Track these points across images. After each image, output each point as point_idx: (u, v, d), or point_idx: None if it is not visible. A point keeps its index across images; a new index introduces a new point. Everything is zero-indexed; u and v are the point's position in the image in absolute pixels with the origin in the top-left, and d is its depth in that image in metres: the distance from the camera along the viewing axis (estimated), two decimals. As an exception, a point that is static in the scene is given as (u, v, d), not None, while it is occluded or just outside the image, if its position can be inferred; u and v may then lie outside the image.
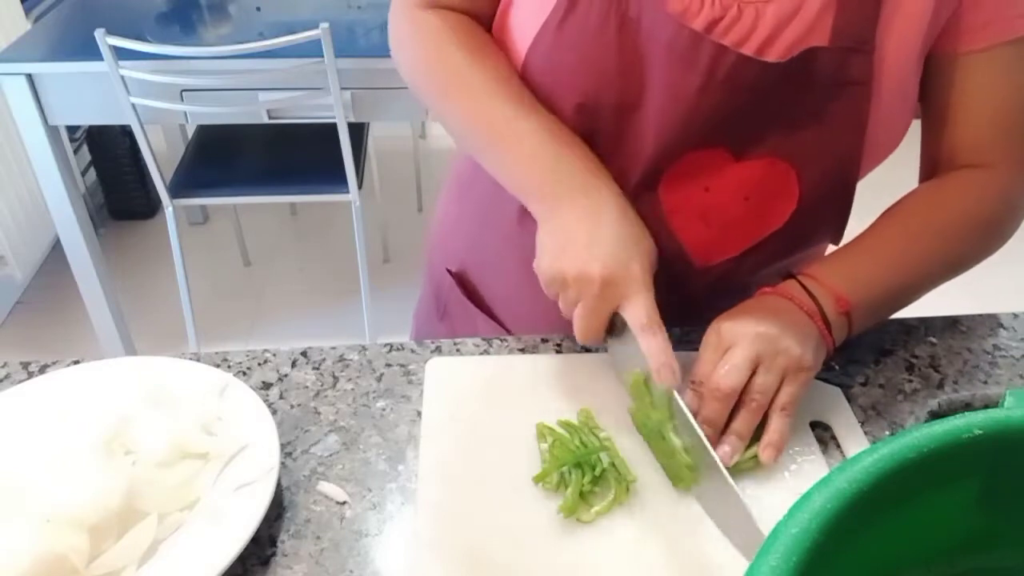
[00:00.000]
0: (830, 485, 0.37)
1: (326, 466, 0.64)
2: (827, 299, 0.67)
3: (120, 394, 0.66)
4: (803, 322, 0.66)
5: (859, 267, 0.70)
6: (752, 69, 0.65)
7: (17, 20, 2.22)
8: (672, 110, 0.67)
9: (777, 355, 0.64)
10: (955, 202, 0.73)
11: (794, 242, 0.77)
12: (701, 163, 0.71)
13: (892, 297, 0.71)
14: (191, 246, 2.40)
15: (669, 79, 0.67)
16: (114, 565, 0.54)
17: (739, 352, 0.64)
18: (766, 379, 0.63)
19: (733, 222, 0.74)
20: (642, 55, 0.67)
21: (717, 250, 0.76)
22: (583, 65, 0.69)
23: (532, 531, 0.58)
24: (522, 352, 0.75)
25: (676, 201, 0.73)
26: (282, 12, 1.99)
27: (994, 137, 0.72)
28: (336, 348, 0.76)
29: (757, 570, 0.34)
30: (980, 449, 0.40)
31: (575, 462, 0.61)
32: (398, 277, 2.58)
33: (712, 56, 0.65)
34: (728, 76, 0.65)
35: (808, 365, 0.64)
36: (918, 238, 0.72)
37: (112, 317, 2.11)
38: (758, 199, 0.72)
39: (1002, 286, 1.79)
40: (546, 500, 0.61)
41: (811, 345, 0.65)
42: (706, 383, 0.64)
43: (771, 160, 0.70)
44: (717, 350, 0.65)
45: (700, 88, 0.66)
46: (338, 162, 1.89)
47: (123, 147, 2.56)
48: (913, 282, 0.72)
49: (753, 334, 0.64)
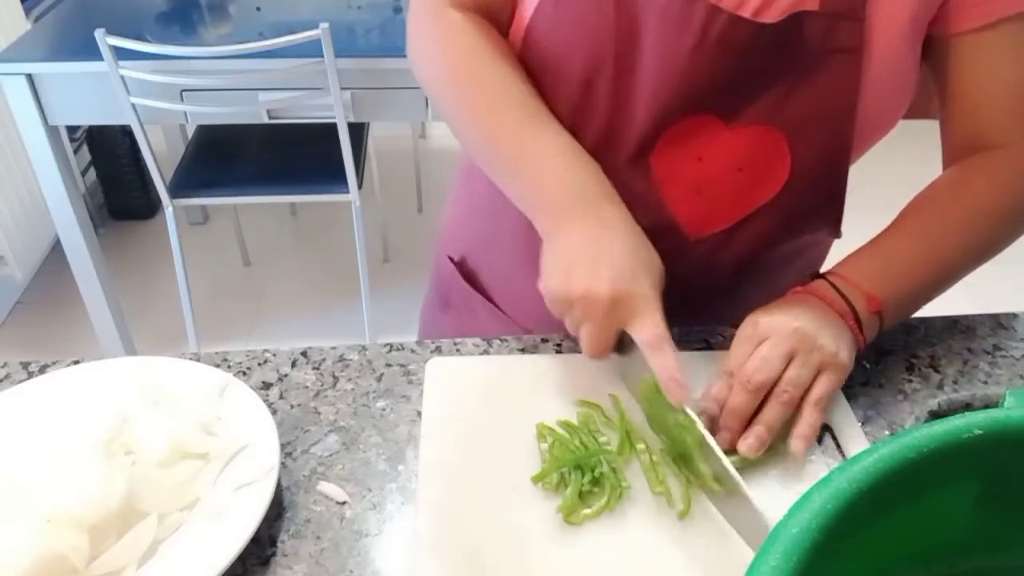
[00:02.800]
0: (830, 485, 0.37)
1: (326, 466, 0.64)
2: (858, 299, 0.68)
3: (120, 394, 0.66)
4: (836, 321, 0.66)
5: (887, 265, 0.70)
6: (744, 30, 0.65)
7: (17, 20, 2.22)
8: (665, 72, 0.68)
9: (813, 351, 0.64)
10: (977, 188, 0.73)
11: (787, 220, 0.76)
12: (693, 130, 0.71)
13: (922, 292, 0.72)
14: (191, 246, 2.40)
15: (662, 40, 0.67)
16: (114, 565, 0.54)
17: (774, 346, 0.64)
18: (800, 372, 0.63)
19: (725, 192, 0.74)
20: (637, 20, 0.68)
21: (709, 222, 0.76)
22: (583, 34, 0.69)
23: (532, 531, 0.58)
24: (522, 352, 0.75)
25: (668, 171, 0.73)
26: (282, 12, 1.99)
27: (1009, 116, 0.72)
28: (336, 348, 0.76)
29: (757, 570, 0.34)
30: (980, 449, 0.40)
31: (575, 463, 0.61)
32: (398, 277, 2.57)
33: (705, 16, 0.65)
34: (720, 36, 0.65)
35: (843, 362, 0.65)
36: (943, 229, 0.72)
37: (112, 317, 2.11)
38: (751, 169, 0.73)
39: (1002, 286, 1.79)
40: (546, 500, 0.61)
41: (845, 344, 0.65)
42: (737, 374, 0.64)
43: (763, 128, 0.70)
44: (752, 342, 0.65)
45: (692, 49, 0.66)
46: (338, 162, 1.89)
47: (123, 147, 2.56)
48: (942, 274, 0.72)
49: (790, 329, 0.64)
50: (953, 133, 0.75)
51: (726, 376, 0.65)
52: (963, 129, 0.74)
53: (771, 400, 0.63)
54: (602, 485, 0.61)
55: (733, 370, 0.65)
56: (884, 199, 0.75)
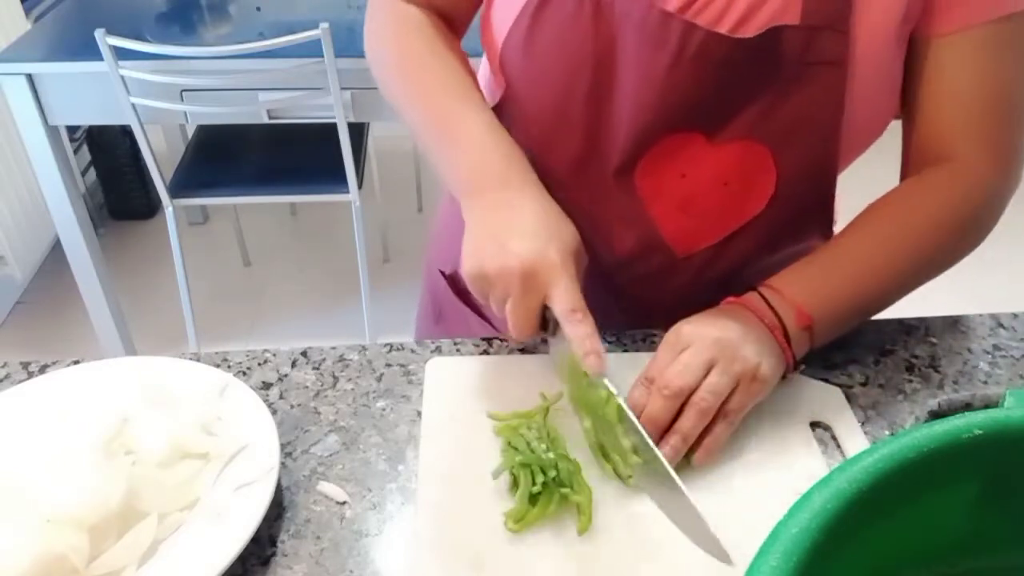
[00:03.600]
0: (830, 485, 0.37)
1: (326, 466, 0.64)
2: (789, 313, 0.66)
3: (120, 394, 0.66)
4: (763, 334, 0.65)
5: (824, 278, 0.69)
6: (721, 46, 0.65)
7: (17, 20, 2.22)
8: (644, 91, 0.67)
9: (734, 361, 0.62)
10: (926, 202, 0.71)
11: (776, 232, 0.76)
12: (675, 148, 0.70)
13: (858, 307, 0.70)
14: (191, 246, 2.40)
15: (640, 59, 0.67)
16: (114, 565, 0.54)
17: (694, 354, 0.63)
18: (719, 381, 0.62)
19: (712, 209, 0.74)
20: (615, 39, 0.67)
21: (698, 238, 0.76)
22: (559, 52, 0.69)
23: (532, 530, 0.58)
24: (522, 352, 0.75)
25: (653, 189, 0.73)
26: (282, 12, 1.99)
27: (966, 126, 0.70)
28: (336, 348, 0.76)
29: (757, 570, 0.34)
30: (980, 449, 0.40)
31: (524, 464, 0.60)
32: (398, 277, 2.58)
33: (681, 34, 0.64)
34: (697, 53, 0.65)
35: (764, 376, 0.63)
36: (886, 243, 0.70)
37: (112, 317, 2.11)
38: (736, 184, 0.72)
39: (1002, 286, 1.79)
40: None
41: (769, 358, 0.64)
42: (657, 380, 0.63)
43: (747, 143, 0.70)
44: (674, 350, 0.64)
45: (670, 66, 0.66)
46: (338, 162, 1.89)
47: (123, 147, 2.56)
48: (882, 289, 0.70)
49: (712, 338, 0.63)
50: (911, 139, 0.74)
51: (645, 382, 0.64)
52: (921, 135, 0.72)
53: (688, 408, 0.62)
54: (550, 490, 0.59)
55: (654, 377, 0.63)
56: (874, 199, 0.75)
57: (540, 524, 0.59)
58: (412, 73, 0.77)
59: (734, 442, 0.64)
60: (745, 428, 0.65)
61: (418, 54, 0.77)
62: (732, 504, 0.61)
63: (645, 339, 0.76)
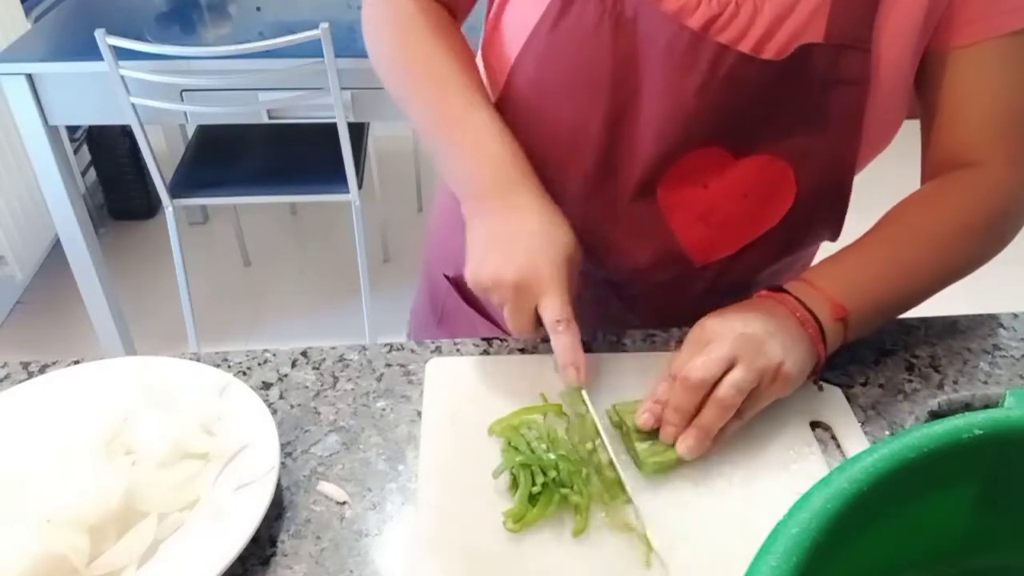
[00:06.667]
0: (830, 485, 0.37)
1: (326, 466, 0.64)
2: (823, 305, 0.66)
3: (120, 394, 0.66)
4: (793, 328, 0.65)
5: (856, 273, 0.69)
6: (751, 68, 0.65)
7: (17, 20, 2.22)
8: (671, 112, 0.67)
9: (757, 357, 0.62)
10: (952, 206, 0.72)
11: (791, 239, 0.77)
12: (700, 162, 0.71)
13: (889, 304, 0.71)
14: (191, 246, 2.40)
15: (667, 81, 0.67)
16: (114, 565, 0.54)
17: (717, 348, 0.62)
18: (743, 376, 0.61)
19: (731, 219, 0.74)
20: (637, 58, 0.67)
21: (715, 248, 0.76)
22: (576, 68, 0.69)
23: (532, 531, 0.58)
24: (522, 352, 0.75)
25: (675, 201, 0.73)
26: (282, 12, 1.99)
27: (989, 135, 0.71)
28: (336, 348, 0.76)
29: (757, 570, 0.34)
30: (980, 449, 0.40)
31: (524, 464, 0.60)
32: (398, 277, 2.57)
33: (712, 56, 0.65)
34: (728, 75, 0.65)
35: (787, 374, 0.63)
36: (915, 244, 0.71)
37: (112, 317, 2.11)
38: (756, 197, 0.72)
39: (1002, 286, 1.79)
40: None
41: (796, 353, 0.64)
42: (679, 373, 0.63)
43: (769, 158, 0.70)
44: (698, 345, 0.64)
45: (700, 88, 0.66)
46: (338, 162, 1.89)
47: (123, 147, 2.56)
48: (910, 289, 0.71)
49: (736, 333, 0.63)
50: (932, 146, 0.74)
51: (670, 379, 0.64)
52: (943, 143, 0.73)
53: (709, 403, 0.61)
54: (550, 490, 0.59)
55: (676, 372, 0.63)
56: (883, 202, 0.75)
57: (540, 524, 0.59)
58: (412, 70, 0.77)
59: (734, 442, 0.64)
60: (745, 427, 0.65)
61: (418, 48, 0.76)
62: (732, 504, 0.61)
63: (645, 339, 0.76)
